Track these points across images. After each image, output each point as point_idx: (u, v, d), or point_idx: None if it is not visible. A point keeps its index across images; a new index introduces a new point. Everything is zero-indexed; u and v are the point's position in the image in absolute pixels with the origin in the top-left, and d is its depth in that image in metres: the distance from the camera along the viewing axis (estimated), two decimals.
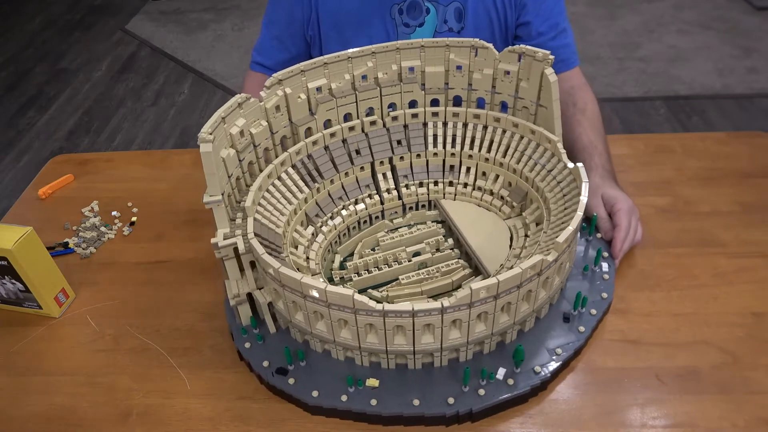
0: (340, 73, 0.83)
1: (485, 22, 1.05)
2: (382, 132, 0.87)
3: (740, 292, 0.81)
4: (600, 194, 0.87)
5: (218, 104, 2.75)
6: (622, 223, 0.83)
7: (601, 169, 0.91)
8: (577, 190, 0.74)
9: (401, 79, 0.86)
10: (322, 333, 0.69)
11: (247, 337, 0.75)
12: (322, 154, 0.84)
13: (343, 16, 1.06)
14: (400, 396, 0.68)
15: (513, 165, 0.86)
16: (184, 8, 3.67)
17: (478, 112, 0.88)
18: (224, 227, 0.72)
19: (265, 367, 0.72)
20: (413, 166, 0.89)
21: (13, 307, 0.85)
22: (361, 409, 0.67)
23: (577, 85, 1.04)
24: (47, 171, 1.14)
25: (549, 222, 0.77)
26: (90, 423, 0.71)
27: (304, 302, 0.66)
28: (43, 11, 3.78)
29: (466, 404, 0.66)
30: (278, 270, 0.64)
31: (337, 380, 0.69)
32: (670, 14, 3.20)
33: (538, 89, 0.82)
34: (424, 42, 0.84)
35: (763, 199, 0.96)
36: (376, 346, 0.67)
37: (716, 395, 0.69)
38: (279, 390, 0.70)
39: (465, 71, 0.86)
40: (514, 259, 0.79)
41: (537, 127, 0.83)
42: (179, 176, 1.10)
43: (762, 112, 2.44)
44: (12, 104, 2.86)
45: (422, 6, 1.04)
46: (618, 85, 2.64)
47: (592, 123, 0.98)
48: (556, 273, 0.71)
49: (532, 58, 0.80)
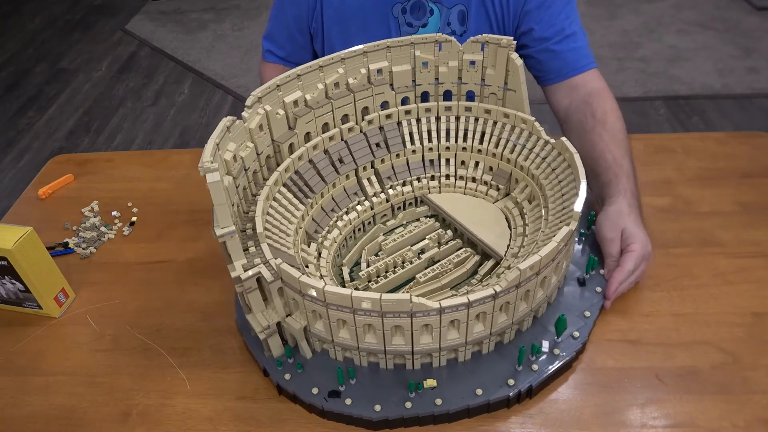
0: (313, 84, 0.82)
1: (486, 27, 1.04)
2: (360, 137, 0.87)
3: (740, 292, 0.81)
4: (621, 227, 0.80)
5: (218, 104, 2.77)
6: (626, 265, 0.77)
7: (630, 195, 0.83)
8: (566, 163, 0.78)
9: (371, 82, 0.86)
10: (371, 345, 0.68)
11: (283, 369, 0.71)
12: (309, 168, 0.83)
13: (346, 11, 1.06)
14: (459, 390, 0.68)
15: (492, 150, 0.88)
16: (184, 8, 3.67)
17: (449, 104, 0.89)
18: (240, 258, 0.67)
19: (315, 395, 0.68)
20: (395, 167, 0.90)
21: (13, 307, 0.85)
22: (428, 411, 0.66)
23: (595, 90, 0.98)
24: (47, 171, 1.14)
25: (548, 209, 0.79)
26: (90, 423, 0.71)
27: (352, 317, 0.64)
28: (43, 11, 3.78)
29: (525, 381, 0.68)
30: (323, 290, 0.62)
31: (392, 390, 0.69)
32: (670, 14, 3.20)
33: (505, 74, 0.85)
34: (389, 42, 0.84)
35: (763, 199, 0.96)
36: (430, 345, 0.67)
37: (716, 395, 0.69)
38: (336, 414, 0.67)
39: (431, 67, 0.87)
40: (520, 238, 0.81)
41: (511, 110, 0.86)
42: (179, 176, 1.10)
43: (762, 112, 2.44)
44: (12, 104, 2.86)
45: (426, 6, 1.04)
46: (618, 85, 2.64)
47: (614, 136, 0.90)
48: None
49: (496, 46, 0.83)
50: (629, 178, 0.85)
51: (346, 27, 1.07)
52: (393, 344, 0.67)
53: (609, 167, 0.86)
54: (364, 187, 0.88)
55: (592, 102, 0.96)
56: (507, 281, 0.63)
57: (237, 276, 0.65)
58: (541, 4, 1.00)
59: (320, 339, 0.71)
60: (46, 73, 3.10)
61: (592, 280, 0.80)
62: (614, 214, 0.81)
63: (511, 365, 0.70)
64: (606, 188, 0.85)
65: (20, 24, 3.63)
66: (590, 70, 1.02)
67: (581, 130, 0.94)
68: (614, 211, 0.81)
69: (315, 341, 0.72)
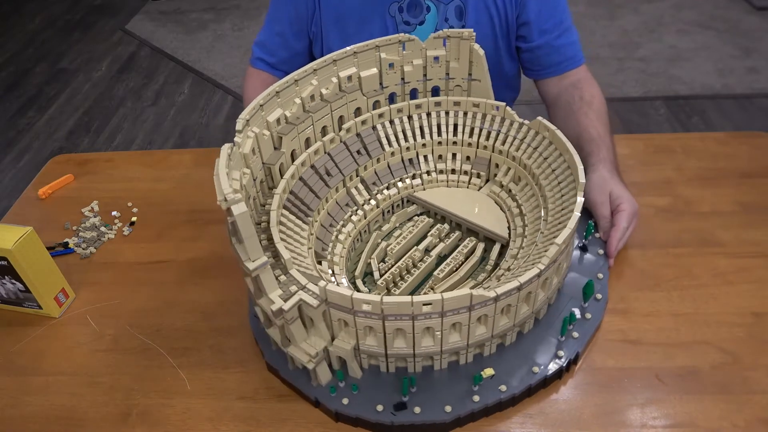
0: (290, 99, 0.81)
1: (486, 20, 1.05)
2: (341, 147, 0.86)
3: (740, 292, 0.81)
4: (608, 191, 0.85)
5: (218, 104, 2.77)
6: (621, 223, 0.82)
7: (609, 163, 0.89)
8: (547, 141, 0.82)
9: (343, 90, 0.86)
10: (429, 348, 0.67)
11: (337, 394, 0.69)
12: (301, 186, 0.82)
13: (344, 12, 1.06)
14: (516, 372, 0.70)
15: (467, 140, 0.90)
16: (184, 8, 3.67)
17: (419, 102, 0.90)
18: (274, 289, 0.64)
19: (381, 412, 0.67)
20: (377, 172, 0.90)
21: (13, 307, 0.85)
22: (496, 399, 0.67)
23: (584, 78, 1.04)
24: (47, 171, 1.14)
25: (540, 185, 0.82)
26: (90, 423, 0.71)
27: (411, 324, 0.63)
28: (43, 11, 3.78)
29: (572, 349, 0.72)
30: (381, 302, 0.60)
31: (454, 388, 0.69)
32: (670, 14, 3.20)
33: (469, 65, 0.87)
34: (356, 48, 0.84)
35: (763, 199, 0.96)
36: (484, 336, 0.69)
37: (716, 395, 0.69)
38: (408, 426, 0.66)
39: (396, 67, 0.87)
40: (518, 218, 0.84)
41: (480, 99, 0.88)
42: (179, 176, 1.10)
43: (762, 112, 2.44)
44: (12, 104, 2.86)
45: (423, 4, 1.04)
46: (618, 85, 2.64)
47: (599, 115, 0.96)
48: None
49: (458, 39, 0.85)
50: (609, 150, 0.91)
51: (343, 28, 1.07)
52: (450, 342, 0.67)
53: (592, 139, 0.92)
54: (353, 196, 0.87)
55: (582, 87, 1.02)
56: (548, 258, 0.65)
57: (278, 308, 0.62)
58: None
59: (371, 354, 0.69)
60: (46, 73, 3.10)
61: (593, 243, 0.85)
62: (599, 179, 0.86)
63: (554, 337, 0.73)
64: (588, 158, 0.90)
65: (20, 24, 3.63)
66: (582, 65, 1.07)
67: (568, 110, 0.99)
68: (598, 177, 0.87)
69: (363, 358, 0.70)
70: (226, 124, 2.58)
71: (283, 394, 0.72)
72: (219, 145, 0.67)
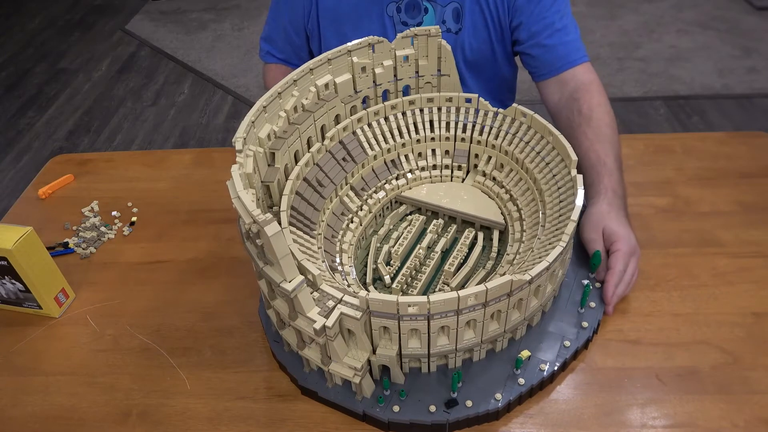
0: (275, 113, 0.80)
1: (482, 24, 1.05)
2: (328, 157, 0.86)
3: (740, 292, 0.81)
4: (602, 227, 0.80)
5: (218, 104, 2.77)
6: (615, 266, 0.76)
7: (611, 193, 0.83)
8: (526, 125, 0.84)
9: (321, 98, 0.85)
10: (470, 341, 0.68)
11: (386, 403, 0.68)
12: (300, 201, 0.81)
13: (342, 12, 1.06)
14: (549, 350, 0.73)
15: (444, 135, 0.91)
16: (184, 8, 3.67)
17: (394, 103, 0.90)
18: (312, 307, 0.63)
19: (434, 413, 0.67)
20: (364, 177, 0.90)
21: (13, 307, 0.85)
22: (539, 378, 0.70)
23: (582, 84, 0.99)
24: (47, 171, 1.14)
25: (527, 169, 0.83)
26: (90, 423, 0.71)
27: (456, 319, 0.64)
28: (43, 11, 3.78)
29: (594, 320, 0.75)
30: (428, 302, 0.60)
31: (498, 376, 0.70)
32: (670, 14, 3.20)
33: (438, 61, 0.88)
34: (329, 54, 0.83)
35: (763, 199, 0.96)
36: (519, 319, 0.70)
37: (716, 395, 0.69)
38: (462, 421, 0.66)
39: (368, 70, 0.87)
40: (510, 203, 0.86)
41: (452, 93, 0.89)
42: (179, 176, 1.11)
43: (762, 112, 2.44)
44: (12, 104, 2.86)
45: (420, 5, 1.04)
46: (618, 85, 2.64)
47: (598, 134, 0.90)
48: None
49: (426, 36, 0.86)
50: (611, 175, 0.85)
51: (341, 27, 1.07)
52: (490, 331, 0.68)
53: (592, 166, 0.87)
54: (347, 204, 0.87)
55: (579, 98, 0.96)
56: (567, 234, 0.66)
57: (321, 326, 0.60)
58: None
59: (413, 357, 0.69)
60: (46, 73, 3.10)
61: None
62: (594, 215, 0.81)
63: (573, 311, 0.76)
64: (589, 189, 0.85)
65: (20, 24, 3.63)
66: (582, 63, 1.02)
67: (569, 127, 0.96)
68: (594, 212, 0.82)
69: (405, 362, 0.70)
70: (226, 124, 2.58)
71: (283, 394, 0.73)
72: (219, 145, 0.67)
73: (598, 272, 0.80)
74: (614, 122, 0.93)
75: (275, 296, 0.68)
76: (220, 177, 1.09)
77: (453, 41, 1.06)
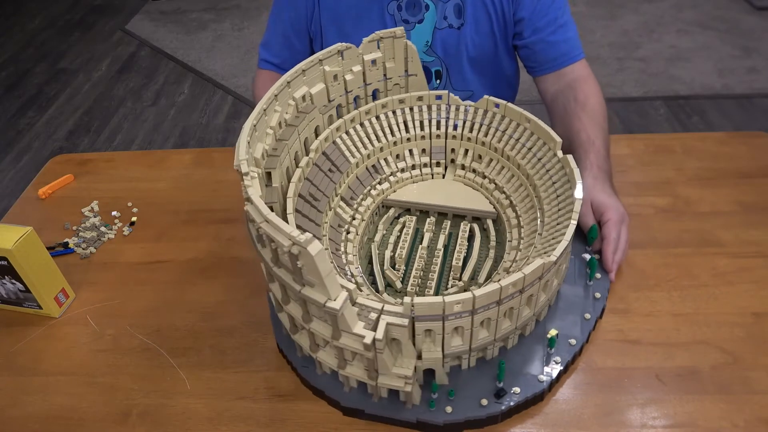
0: (263, 131, 0.79)
1: (485, 18, 1.05)
2: (315, 170, 0.85)
3: (740, 292, 0.81)
4: (589, 201, 0.83)
5: (218, 104, 2.77)
6: (610, 235, 0.79)
7: (596, 168, 0.87)
8: (500, 115, 0.87)
9: (300, 111, 0.84)
10: (507, 329, 0.69)
11: (437, 407, 0.67)
12: (302, 219, 0.80)
13: (342, 10, 1.06)
14: (574, 327, 0.76)
15: (419, 134, 0.92)
16: (184, 8, 3.67)
17: (367, 108, 0.90)
18: (356, 322, 0.61)
19: (486, 406, 0.67)
20: (350, 186, 0.90)
21: (13, 307, 0.85)
22: (572, 353, 0.72)
23: (580, 77, 1.02)
24: (47, 171, 1.14)
25: (509, 157, 0.85)
26: (90, 423, 0.71)
27: (497, 309, 0.64)
28: (43, 11, 3.78)
29: (603, 289, 0.79)
30: (473, 297, 0.60)
31: (534, 359, 0.72)
32: (670, 14, 3.20)
33: (405, 62, 0.89)
34: (303, 66, 0.82)
35: (763, 199, 0.96)
36: (544, 300, 0.72)
37: (716, 395, 0.69)
38: (514, 407, 0.67)
39: (339, 78, 0.87)
40: (497, 194, 0.88)
41: (422, 92, 0.90)
42: (179, 176, 1.11)
43: (762, 112, 2.44)
44: (12, 104, 2.86)
45: (422, 2, 1.04)
46: (618, 85, 2.64)
47: (592, 118, 0.94)
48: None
49: (392, 38, 0.86)
50: (598, 153, 0.89)
51: (341, 26, 1.07)
52: (523, 317, 0.70)
53: (581, 145, 0.91)
54: (340, 215, 0.87)
55: (576, 87, 1.00)
56: (576, 212, 0.69)
57: (372, 340, 0.59)
58: None
59: (454, 355, 0.68)
60: (46, 73, 3.10)
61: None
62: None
63: (581, 285, 0.80)
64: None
65: (20, 24, 3.63)
66: (580, 60, 1.05)
67: (563, 113, 0.98)
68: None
69: (446, 362, 0.69)
70: (226, 124, 2.57)
71: (283, 394, 0.73)
72: (219, 145, 0.66)
73: (592, 246, 0.83)
74: (606, 113, 0.98)
75: (289, 300, 0.67)
76: (220, 177, 1.09)
77: (456, 37, 1.06)
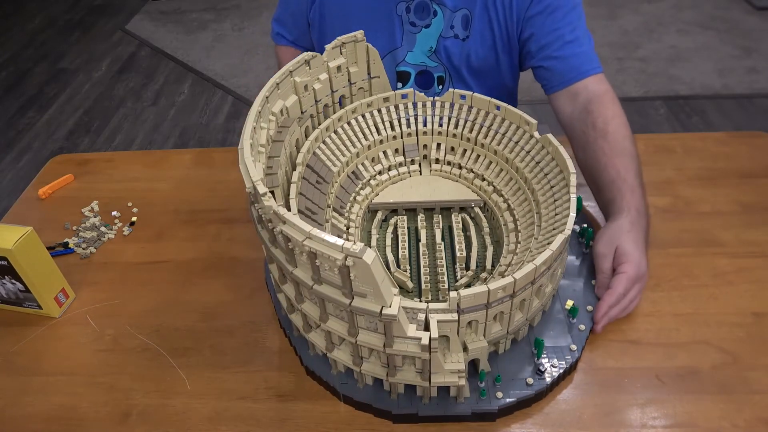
0: (256, 150, 0.77)
1: (488, 33, 1.04)
2: (305, 183, 0.85)
3: (740, 292, 0.81)
4: (616, 244, 0.77)
5: (218, 104, 2.77)
6: (616, 288, 0.75)
7: (634, 212, 0.80)
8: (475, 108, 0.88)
9: (281, 125, 0.83)
10: (535, 308, 0.71)
11: (488, 394, 0.68)
12: None
13: (350, 8, 1.07)
14: (587, 304, 0.78)
15: (390, 134, 0.93)
16: (184, 8, 3.67)
17: (339, 115, 0.90)
18: (408, 324, 0.60)
19: (532, 384, 0.69)
20: (338, 195, 0.89)
21: (13, 307, 0.85)
22: (591, 324, 0.76)
23: (595, 96, 0.94)
24: (47, 171, 1.14)
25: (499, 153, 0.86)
26: (90, 423, 0.71)
27: (531, 290, 0.66)
28: (43, 11, 3.78)
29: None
30: (514, 281, 0.61)
31: (560, 332, 0.75)
32: (670, 14, 3.20)
33: (367, 65, 0.90)
34: (277, 79, 0.82)
35: (763, 199, 0.96)
36: (560, 276, 0.76)
37: (716, 395, 0.69)
38: (554, 381, 0.70)
39: (309, 88, 0.86)
40: (478, 181, 0.89)
41: (388, 93, 0.92)
42: (179, 176, 1.11)
43: (762, 112, 2.44)
44: (12, 104, 2.86)
45: (430, 8, 1.04)
46: (618, 85, 2.64)
47: (615, 147, 0.87)
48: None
49: (354, 42, 0.87)
50: (633, 192, 0.82)
51: (348, 24, 1.07)
52: (546, 293, 0.72)
53: (612, 182, 0.84)
54: (336, 226, 0.86)
55: (593, 110, 0.92)
56: (572, 189, 0.71)
57: (428, 341, 0.59)
58: (544, 9, 0.99)
59: (494, 342, 0.69)
60: (46, 73, 3.10)
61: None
62: (613, 229, 0.79)
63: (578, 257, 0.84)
64: (610, 206, 0.83)
65: (20, 24, 3.63)
66: (594, 75, 0.97)
67: (584, 142, 0.91)
68: (613, 227, 0.79)
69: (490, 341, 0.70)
70: (226, 124, 2.57)
71: (283, 394, 0.73)
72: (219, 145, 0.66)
73: (597, 289, 0.79)
74: (631, 134, 0.90)
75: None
76: (220, 177, 1.09)
77: (459, 48, 1.06)
